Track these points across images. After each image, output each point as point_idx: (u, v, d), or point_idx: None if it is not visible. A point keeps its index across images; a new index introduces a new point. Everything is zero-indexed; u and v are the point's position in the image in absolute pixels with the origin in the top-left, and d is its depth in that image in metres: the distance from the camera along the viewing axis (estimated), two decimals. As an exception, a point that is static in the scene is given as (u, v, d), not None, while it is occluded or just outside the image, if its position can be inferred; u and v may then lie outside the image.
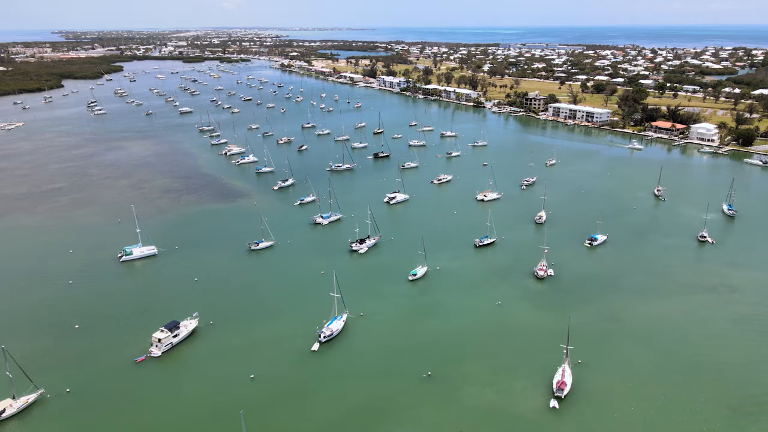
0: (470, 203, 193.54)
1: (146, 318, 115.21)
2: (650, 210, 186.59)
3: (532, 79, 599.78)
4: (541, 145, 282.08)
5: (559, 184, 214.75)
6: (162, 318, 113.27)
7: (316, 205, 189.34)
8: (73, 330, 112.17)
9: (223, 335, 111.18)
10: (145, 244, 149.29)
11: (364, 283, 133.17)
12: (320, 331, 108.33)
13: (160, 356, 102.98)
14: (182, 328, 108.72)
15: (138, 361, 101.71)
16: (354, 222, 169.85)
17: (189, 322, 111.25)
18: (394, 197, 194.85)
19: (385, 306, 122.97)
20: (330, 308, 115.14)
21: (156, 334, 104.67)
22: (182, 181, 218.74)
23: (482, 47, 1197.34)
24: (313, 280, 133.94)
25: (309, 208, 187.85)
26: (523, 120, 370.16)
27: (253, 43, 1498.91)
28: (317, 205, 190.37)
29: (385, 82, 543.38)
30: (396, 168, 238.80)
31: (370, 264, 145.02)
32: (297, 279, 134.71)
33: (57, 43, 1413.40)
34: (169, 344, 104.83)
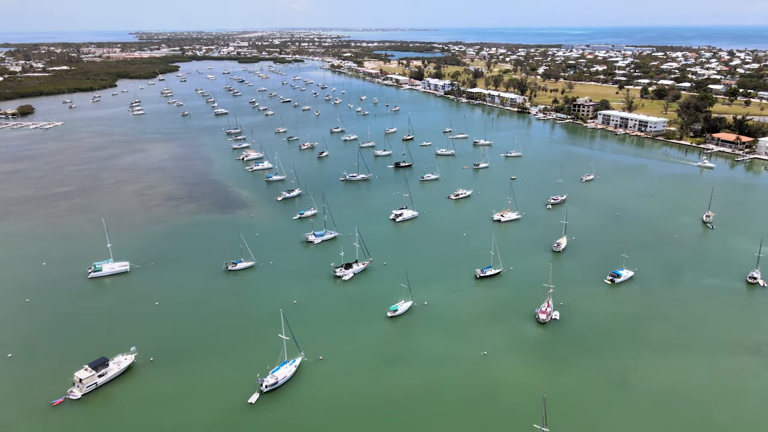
0: (485, 224, 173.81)
1: (84, 350, 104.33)
2: (694, 240, 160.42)
3: (588, 83, 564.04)
4: (581, 158, 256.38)
5: (591, 205, 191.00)
6: (101, 350, 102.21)
7: (317, 220, 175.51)
8: (4, 360, 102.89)
9: (160, 375, 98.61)
10: (118, 259, 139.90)
11: (336, 319, 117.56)
12: (261, 380, 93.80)
13: (80, 398, 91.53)
14: (112, 365, 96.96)
15: (54, 404, 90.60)
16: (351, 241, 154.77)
17: (123, 358, 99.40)
18: (401, 214, 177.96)
19: (352, 349, 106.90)
20: (283, 350, 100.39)
21: (78, 373, 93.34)
22: (188, 188, 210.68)
23: (543, 48, 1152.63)
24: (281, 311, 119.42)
25: (308, 223, 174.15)
26: (569, 128, 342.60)
27: (312, 43, 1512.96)
28: (318, 219, 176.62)
29: (429, 84, 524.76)
30: (416, 179, 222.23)
31: (351, 294, 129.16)
32: (264, 309, 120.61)
33: (128, 43, 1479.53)
34: (93, 385, 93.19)
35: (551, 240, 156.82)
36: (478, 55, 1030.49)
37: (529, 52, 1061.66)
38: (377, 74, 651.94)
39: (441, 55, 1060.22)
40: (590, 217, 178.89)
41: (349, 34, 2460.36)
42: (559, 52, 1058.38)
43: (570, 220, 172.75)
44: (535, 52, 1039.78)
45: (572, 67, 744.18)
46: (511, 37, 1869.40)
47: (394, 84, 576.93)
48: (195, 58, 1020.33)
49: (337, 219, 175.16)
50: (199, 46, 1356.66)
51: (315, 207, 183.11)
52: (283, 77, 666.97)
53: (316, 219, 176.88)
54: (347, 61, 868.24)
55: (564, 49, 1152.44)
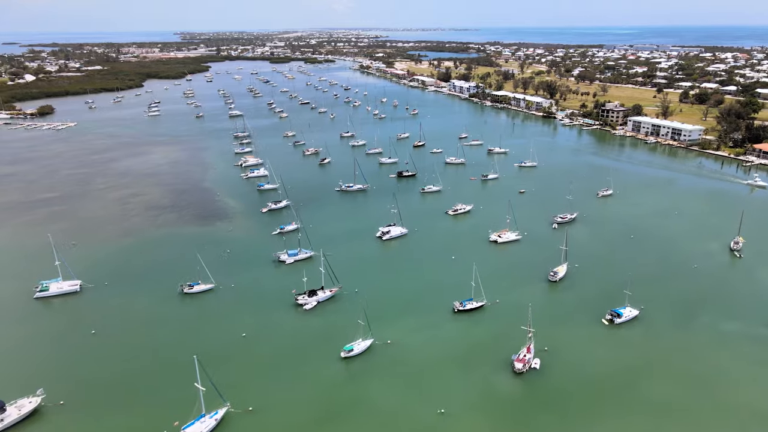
0: (479, 245, 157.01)
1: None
2: (716, 272, 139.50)
3: (625, 86, 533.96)
4: (602, 169, 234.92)
5: (603, 225, 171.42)
6: (5, 390, 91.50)
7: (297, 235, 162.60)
8: None
9: (66, 423, 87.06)
10: (69, 277, 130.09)
11: (282, 358, 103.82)
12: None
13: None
14: (10, 410, 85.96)
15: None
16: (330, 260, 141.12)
17: (28, 401, 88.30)
18: (388, 232, 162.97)
19: (291, 397, 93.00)
20: (208, 400, 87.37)
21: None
22: (175, 196, 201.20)
23: (583, 48, 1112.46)
24: (223, 348, 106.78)
25: (289, 239, 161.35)
26: (597, 135, 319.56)
27: (348, 44, 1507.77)
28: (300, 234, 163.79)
29: (455, 86, 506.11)
30: (416, 191, 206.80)
31: (309, 327, 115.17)
32: (204, 344, 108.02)
33: (168, 43, 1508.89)
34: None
35: (550, 267, 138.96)
36: (513, 55, 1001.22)
37: (568, 52, 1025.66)
38: (404, 75, 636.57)
39: (476, 55, 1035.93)
40: (599, 240, 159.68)
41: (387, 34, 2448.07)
42: (600, 52, 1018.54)
43: (576, 242, 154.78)
44: (574, 53, 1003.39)
45: (611, 68, 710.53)
46: (553, 37, 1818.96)
47: (420, 86, 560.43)
48: (228, 58, 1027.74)
49: (319, 235, 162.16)
50: (235, 46, 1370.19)
51: (298, 221, 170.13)
52: (309, 78, 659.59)
53: (299, 234, 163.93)
54: (377, 62, 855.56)
55: (605, 49, 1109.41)
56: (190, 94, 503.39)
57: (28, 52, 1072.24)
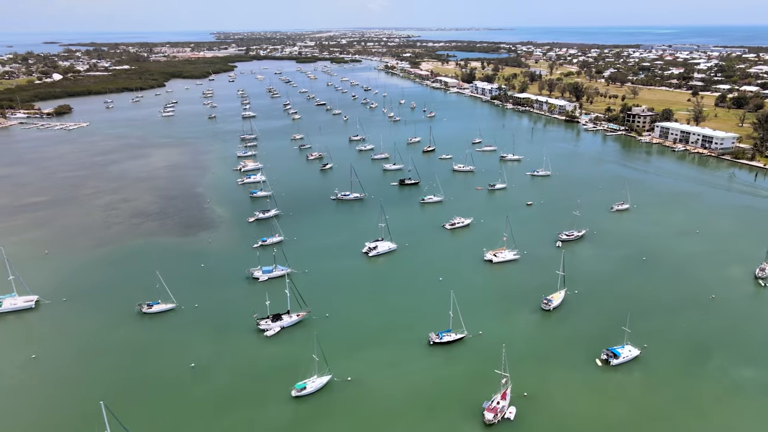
0: (472, 265, 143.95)
1: None
2: (736, 304, 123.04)
3: (658, 88, 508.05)
4: (622, 180, 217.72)
5: (614, 244, 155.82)
6: None
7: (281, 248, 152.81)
8: None
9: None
10: (24, 293, 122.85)
11: (229, 397, 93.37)
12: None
13: None
14: None
15: None
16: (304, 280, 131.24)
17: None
18: (375, 247, 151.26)
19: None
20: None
21: None
22: (163, 203, 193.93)
23: (619, 49, 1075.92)
24: (162, 385, 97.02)
25: (267, 253, 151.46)
26: (621, 141, 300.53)
27: (378, 43, 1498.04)
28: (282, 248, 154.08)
29: (477, 88, 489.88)
30: (415, 201, 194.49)
31: (266, 358, 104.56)
32: (142, 377, 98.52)
33: (200, 43, 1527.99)
34: None
35: (547, 292, 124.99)
36: (545, 56, 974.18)
37: (603, 52, 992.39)
38: (427, 76, 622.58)
39: (506, 56, 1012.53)
40: (606, 262, 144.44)
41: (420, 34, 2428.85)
42: (636, 52, 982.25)
43: (580, 264, 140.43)
44: (609, 53, 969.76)
45: (645, 69, 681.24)
46: (589, 37, 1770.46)
47: (442, 87, 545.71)
48: (256, 58, 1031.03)
49: (303, 249, 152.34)
50: (265, 46, 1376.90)
51: (281, 233, 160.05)
52: (331, 78, 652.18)
53: (274, 250, 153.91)
54: (403, 62, 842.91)
55: (642, 49, 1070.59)
56: (209, 94, 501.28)
57: (64, 52, 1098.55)
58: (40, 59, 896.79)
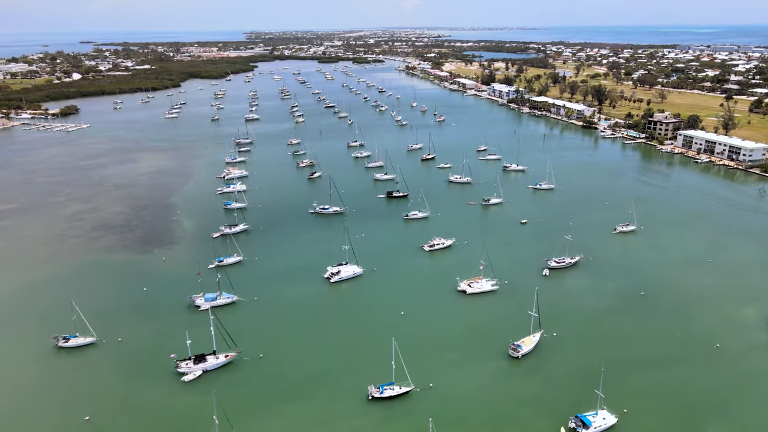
0: (443, 296, 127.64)
1: None
2: (745, 359, 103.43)
3: (690, 92, 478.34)
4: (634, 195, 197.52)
5: (611, 274, 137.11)
6: None
7: (238, 270, 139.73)
8: None
9: None
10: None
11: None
12: None
13: None
14: None
15: None
16: (252, 309, 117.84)
17: None
18: (338, 272, 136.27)
19: None
20: None
21: None
22: (132, 213, 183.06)
23: (653, 49, 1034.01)
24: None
25: (226, 275, 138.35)
26: (641, 150, 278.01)
27: (406, 43, 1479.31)
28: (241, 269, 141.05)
29: (494, 90, 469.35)
30: (400, 216, 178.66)
31: (174, 411, 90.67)
32: (34, 429, 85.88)
33: (228, 42, 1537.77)
34: None
35: (520, 335, 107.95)
36: (574, 56, 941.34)
37: (636, 53, 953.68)
38: (446, 77, 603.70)
39: (534, 56, 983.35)
40: (598, 297, 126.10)
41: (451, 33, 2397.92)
42: (671, 53, 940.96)
43: (566, 298, 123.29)
44: (642, 54, 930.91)
45: (679, 71, 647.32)
46: (625, 37, 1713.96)
47: (460, 89, 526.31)
48: (280, 58, 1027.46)
49: (259, 272, 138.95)
50: (292, 46, 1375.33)
51: (240, 252, 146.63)
52: (348, 79, 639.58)
53: (239, 269, 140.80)
54: (425, 63, 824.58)
55: (678, 49, 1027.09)
56: (221, 95, 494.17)
57: (94, 51, 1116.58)
58: (69, 59, 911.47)
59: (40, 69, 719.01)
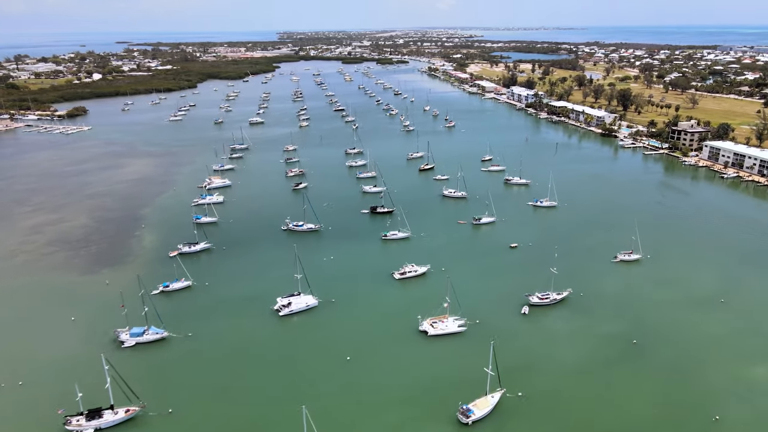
0: (401, 337, 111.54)
1: None
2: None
3: (726, 97, 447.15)
4: (643, 215, 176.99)
5: (600, 315, 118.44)
6: None
7: (187, 297, 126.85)
8: None
9: None
10: None
11: None
12: None
13: None
14: None
15: None
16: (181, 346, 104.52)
17: None
18: (289, 304, 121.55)
19: None
20: None
21: None
22: (94, 227, 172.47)
23: (692, 50, 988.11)
24: None
25: (176, 301, 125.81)
26: (662, 162, 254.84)
27: (435, 43, 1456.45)
28: (191, 295, 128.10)
29: (513, 94, 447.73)
30: (377, 235, 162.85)
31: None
32: None
33: (256, 42, 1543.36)
34: None
35: (475, 393, 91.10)
36: (606, 58, 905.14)
37: (672, 54, 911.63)
38: (466, 80, 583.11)
39: (565, 57, 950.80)
40: (582, 345, 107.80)
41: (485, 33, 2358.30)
42: (711, 54, 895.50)
43: (542, 347, 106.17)
44: (679, 55, 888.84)
45: (717, 74, 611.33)
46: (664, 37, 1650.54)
47: (479, 92, 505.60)
48: (305, 58, 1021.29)
49: (203, 302, 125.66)
50: (320, 46, 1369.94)
51: (188, 276, 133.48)
52: (367, 80, 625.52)
53: (183, 297, 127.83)
54: (448, 64, 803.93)
55: (719, 51, 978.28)
56: (233, 97, 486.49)
57: (123, 51, 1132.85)
58: (97, 59, 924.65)
59: (67, 69, 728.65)
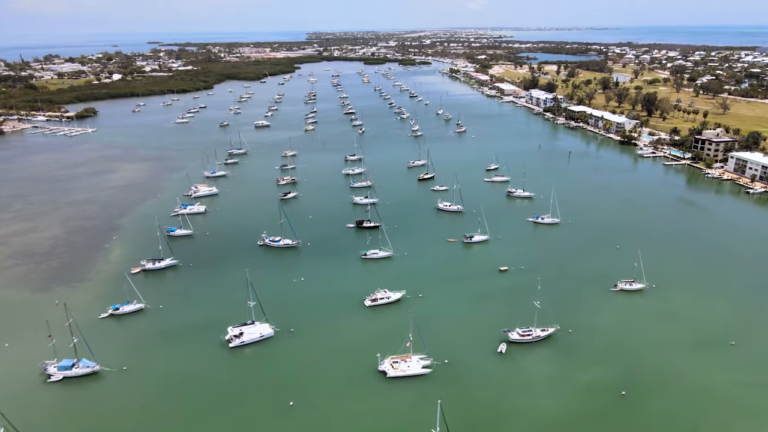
0: (357, 378, 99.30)
1: None
2: None
3: (762, 101, 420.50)
4: (655, 234, 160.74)
5: (588, 358, 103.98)
6: None
7: (135, 321, 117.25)
8: None
9: None
10: None
11: None
12: None
13: None
14: None
15: None
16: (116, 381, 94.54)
17: None
18: (241, 334, 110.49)
19: None
20: None
21: None
22: (62, 239, 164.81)
23: (729, 51, 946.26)
24: None
25: (118, 327, 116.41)
26: (684, 173, 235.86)
27: (462, 44, 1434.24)
28: (144, 318, 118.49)
29: (532, 97, 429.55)
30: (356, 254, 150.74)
31: None
32: None
33: (282, 43, 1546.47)
34: None
35: (428, 455, 78.32)
36: (637, 59, 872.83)
37: (708, 56, 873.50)
38: (486, 82, 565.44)
39: (594, 58, 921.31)
40: (560, 396, 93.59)
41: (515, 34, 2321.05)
42: (749, 56, 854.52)
43: (515, 396, 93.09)
44: (714, 57, 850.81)
45: (753, 77, 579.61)
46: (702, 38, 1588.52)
47: (498, 95, 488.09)
48: (327, 59, 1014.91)
49: (155, 328, 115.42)
50: (344, 46, 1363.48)
51: (141, 299, 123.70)
52: (385, 82, 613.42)
53: (133, 321, 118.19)
54: (471, 66, 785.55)
55: (758, 52, 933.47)
56: (246, 99, 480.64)
57: (150, 52, 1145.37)
58: (123, 59, 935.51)
59: (91, 69, 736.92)
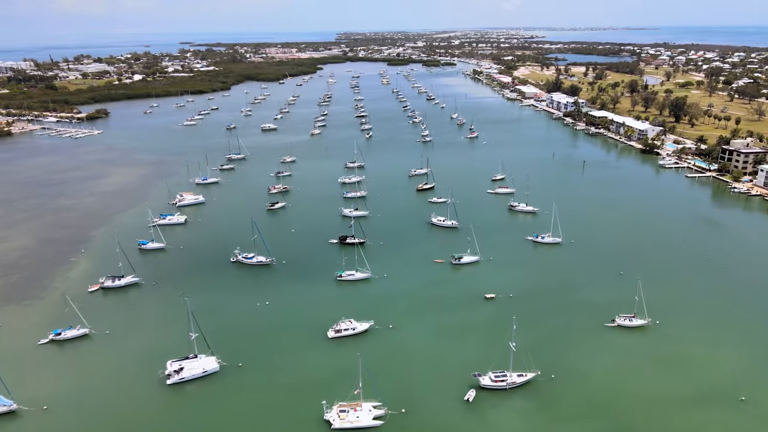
0: (303, 426, 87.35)
1: None
2: None
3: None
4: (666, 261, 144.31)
5: (571, 410, 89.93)
6: None
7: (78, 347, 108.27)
8: None
9: None
10: None
11: None
12: None
13: None
14: None
15: None
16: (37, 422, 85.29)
17: None
18: (181, 369, 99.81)
19: None
20: None
21: None
22: (30, 249, 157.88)
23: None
24: None
25: (58, 354, 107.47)
26: (708, 187, 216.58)
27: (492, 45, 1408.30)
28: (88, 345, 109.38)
29: (552, 101, 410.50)
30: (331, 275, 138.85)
31: None
32: None
33: (311, 43, 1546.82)
34: None
35: None
36: (671, 60, 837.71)
37: (747, 57, 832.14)
38: (507, 84, 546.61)
39: (627, 59, 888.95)
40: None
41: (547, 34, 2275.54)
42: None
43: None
44: (755, 58, 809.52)
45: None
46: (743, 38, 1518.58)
47: (518, 98, 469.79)
48: (352, 59, 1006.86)
49: (95, 357, 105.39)
50: (371, 46, 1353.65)
51: (85, 323, 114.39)
52: (404, 83, 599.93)
53: (78, 347, 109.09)
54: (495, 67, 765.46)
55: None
56: (260, 101, 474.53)
57: (177, 52, 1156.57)
58: (150, 59, 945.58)
59: (116, 70, 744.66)
